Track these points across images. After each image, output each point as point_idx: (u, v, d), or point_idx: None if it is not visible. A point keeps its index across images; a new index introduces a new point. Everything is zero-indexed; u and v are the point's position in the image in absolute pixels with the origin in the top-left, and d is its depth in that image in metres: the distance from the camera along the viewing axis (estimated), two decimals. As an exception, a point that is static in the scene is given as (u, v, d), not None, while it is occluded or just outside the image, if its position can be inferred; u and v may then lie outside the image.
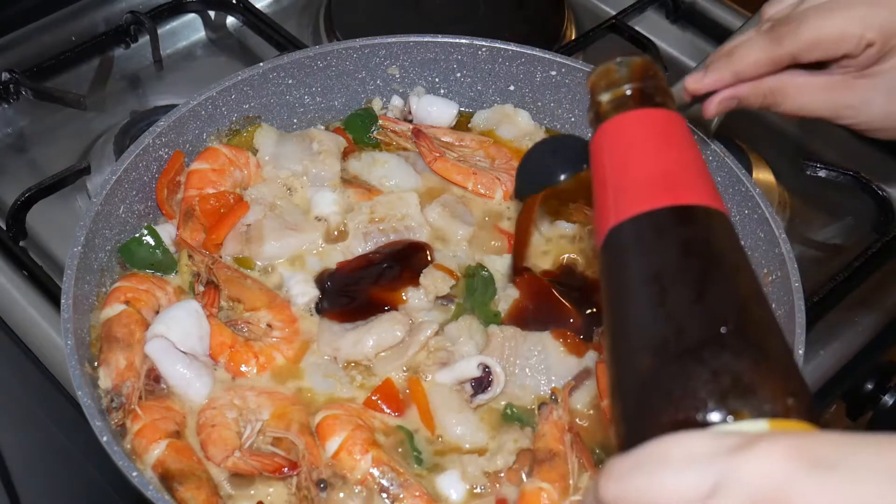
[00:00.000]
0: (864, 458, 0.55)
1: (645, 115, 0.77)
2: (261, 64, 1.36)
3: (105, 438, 1.00)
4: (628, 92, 0.78)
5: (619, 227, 0.72)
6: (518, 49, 1.40)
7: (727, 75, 1.07)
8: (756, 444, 0.56)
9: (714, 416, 0.63)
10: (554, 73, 1.40)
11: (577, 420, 1.13)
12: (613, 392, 0.69)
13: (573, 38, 1.72)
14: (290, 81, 1.38)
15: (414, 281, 1.23)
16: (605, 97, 0.79)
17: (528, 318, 1.21)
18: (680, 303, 0.68)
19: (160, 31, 1.67)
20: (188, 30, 1.74)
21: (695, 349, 0.65)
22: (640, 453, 0.60)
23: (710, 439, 0.58)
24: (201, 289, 1.21)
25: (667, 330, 0.67)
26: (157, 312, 1.18)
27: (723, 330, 0.66)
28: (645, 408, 0.65)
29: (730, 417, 0.63)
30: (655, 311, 0.68)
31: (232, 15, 1.73)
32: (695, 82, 1.09)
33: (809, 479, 0.54)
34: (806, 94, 1.05)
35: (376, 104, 1.44)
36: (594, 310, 1.21)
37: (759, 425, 0.63)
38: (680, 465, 0.58)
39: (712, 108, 1.10)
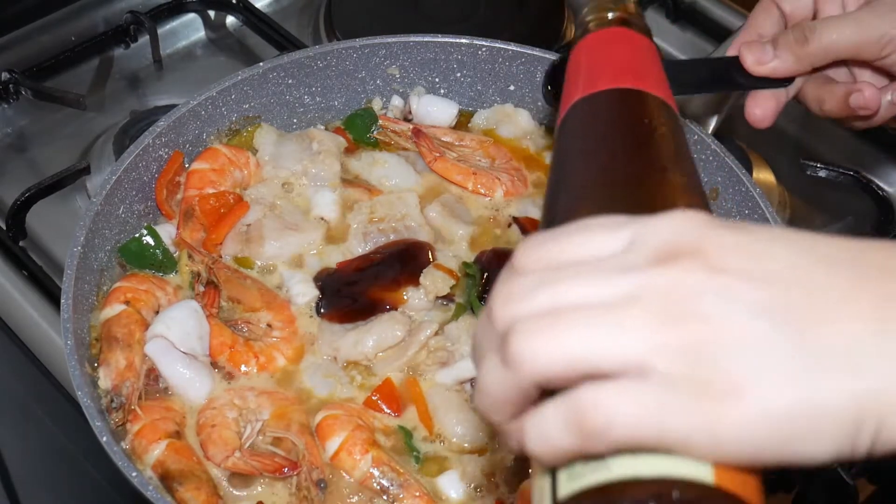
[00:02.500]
0: (778, 231, 0.56)
1: (625, 32, 0.84)
2: (261, 64, 1.36)
3: (105, 438, 1.00)
4: (611, 16, 0.85)
5: (582, 99, 0.76)
6: (518, 49, 1.40)
7: (802, 62, 0.96)
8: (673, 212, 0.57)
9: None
10: (554, 72, 1.40)
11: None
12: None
13: (573, 38, 1.71)
14: (290, 81, 1.38)
15: (414, 281, 1.23)
16: (591, 17, 0.86)
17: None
18: (617, 162, 0.71)
19: (160, 31, 1.66)
20: (188, 30, 1.74)
21: (624, 181, 0.68)
22: (559, 229, 0.59)
23: (627, 216, 0.58)
24: (201, 289, 1.21)
25: (602, 178, 0.70)
26: (157, 312, 1.18)
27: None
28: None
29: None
30: (596, 167, 0.71)
31: (232, 15, 1.73)
32: (759, 61, 0.98)
33: (726, 232, 0.54)
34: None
35: (376, 104, 1.44)
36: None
37: None
38: (595, 229, 0.57)
39: (769, 111, 1.01)
